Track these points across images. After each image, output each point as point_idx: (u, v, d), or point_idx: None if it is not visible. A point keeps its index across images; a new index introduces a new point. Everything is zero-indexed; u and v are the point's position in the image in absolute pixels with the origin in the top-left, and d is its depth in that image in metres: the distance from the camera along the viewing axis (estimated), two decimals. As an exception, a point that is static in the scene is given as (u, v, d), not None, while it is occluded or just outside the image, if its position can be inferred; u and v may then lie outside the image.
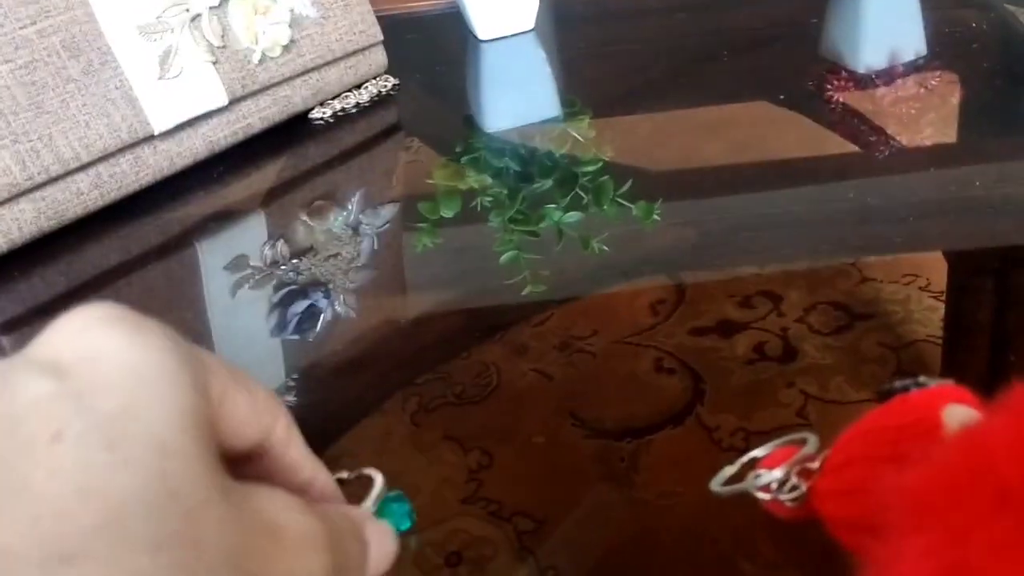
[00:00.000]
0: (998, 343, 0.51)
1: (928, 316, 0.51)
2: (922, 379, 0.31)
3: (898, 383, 0.32)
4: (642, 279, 0.57)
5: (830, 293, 0.53)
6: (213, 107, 0.71)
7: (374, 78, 0.84)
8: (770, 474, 0.34)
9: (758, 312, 0.52)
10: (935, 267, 0.55)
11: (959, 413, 0.29)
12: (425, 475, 0.44)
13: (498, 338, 0.52)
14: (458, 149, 0.74)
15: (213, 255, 0.63)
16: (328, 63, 0.79)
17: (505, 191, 0.67)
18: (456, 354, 0.51)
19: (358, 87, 0.82)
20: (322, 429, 0.47)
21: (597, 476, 0.43)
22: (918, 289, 0.53)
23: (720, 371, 0.48)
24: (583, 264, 0.59)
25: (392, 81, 0.83)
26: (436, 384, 0.48)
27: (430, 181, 0.70)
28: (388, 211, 0.66)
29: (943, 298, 0.52)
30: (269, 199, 0.68)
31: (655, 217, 0.61)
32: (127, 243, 0.67)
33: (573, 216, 0.62)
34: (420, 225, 0.63)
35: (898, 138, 0.68)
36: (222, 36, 0.71)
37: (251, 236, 0.65)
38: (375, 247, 0.63)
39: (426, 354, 0.52)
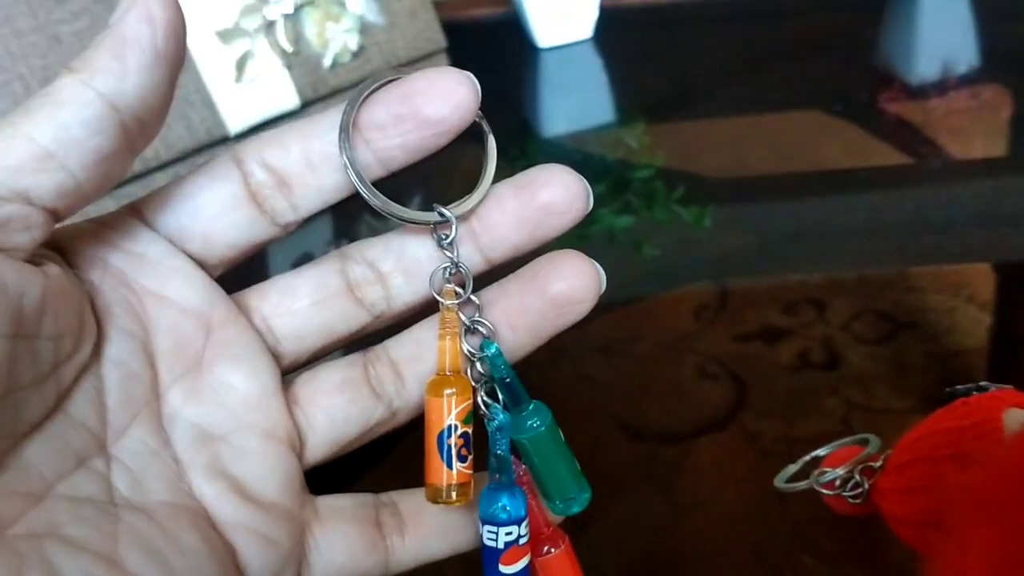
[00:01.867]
0: (1045, 355, 0.50)
1: (973, 327, 0.50)
2: (983, 383, 0.32)
3: (960, 387, 0.32)
4: (691, 284, 0.56)
5: (875, 302, 0.52)
6: (286, 110, 0.72)
7: (429, 57, 0.84)
8: (834, 472, 0.35)
9: (802, 319, 0.51)
10: (981, 278, 0.54)
11: (1018, 416, 0.29)
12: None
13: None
14: (513, 153, 0.74)
15: (282, 252, 0.65)
16: (394, 67, 0.79)
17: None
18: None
19: (412, 63, 0.82)
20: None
21: (638, 480, 0.43)
22: (964, 300, 0.52)
23: (764, 378, 0.48)
24: (633, 269, 0.59)
25: (446, 60, 0.84)
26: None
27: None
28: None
29: (989, 309, 0.51)
30: (335, 199, 0.68)
31: (706, 223, 0.61)
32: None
33: (625, 220, 0.62)
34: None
35: (949, 149, 0.67)
36: (295, 42, 0.73)
37: (317, 236, 0.66)
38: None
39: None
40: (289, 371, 0.28)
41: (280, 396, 0.27)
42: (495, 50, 0.93)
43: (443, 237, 0.27)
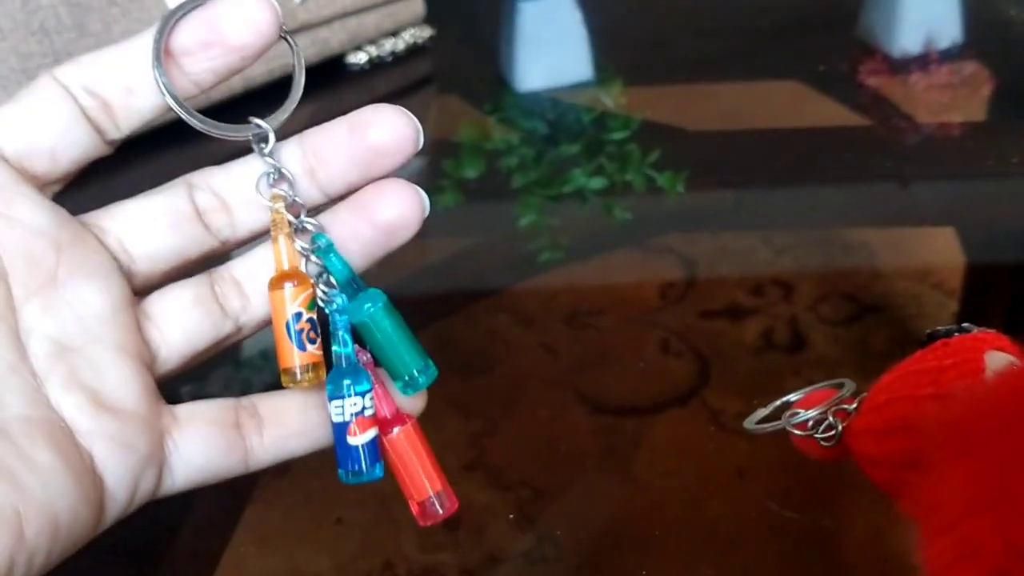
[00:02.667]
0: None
1: (938, 313, 0.50)
2: (965, 325, 0.31)
3: (941, 328, 0.32)
4: (660, 253, 0.55)
5: (841, 285, 0.52)
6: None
7: (411, 27, 0.82)
8: (807, 413, 0.34)
9: (768, 299, 0.51)
10: (948, 265, 0.54)
11: (1000, 359, 0.29)
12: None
13: (506, 307, 0.51)
14: (487, 107, 0.72)
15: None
16: (367, 8, 0.77)
17: (531, 153, 0.66)
18: (460, 316, 0.50)
19: (394, 34, 0.80)
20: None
21: (599, 452, 0.43)
22: (930, 287, 0.51)
23: (727, 356, 0.47)
24: (604, 232, 0.58)
25: (428, 32, 0.81)
26: (441, 351, 0.47)
27: (456, 139, 0.68)
28: (413, 166, 0.65)
29: (955, 296, 0.51)
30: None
31: (679, 189, 0.60)
32: (156, 175, 0.66)
33: (598, 182, 0.61)
34: (443, 183, 0.62)
35: (925, 124, 0.66)
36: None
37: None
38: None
39: (433, 313, 0.51)
40: (141, 292, 0.29)
41: (131, 312, 0.28)
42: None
43: (262, 148, 0.28)
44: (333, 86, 0.75)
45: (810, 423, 0.34)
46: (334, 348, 0.29)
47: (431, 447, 0.30)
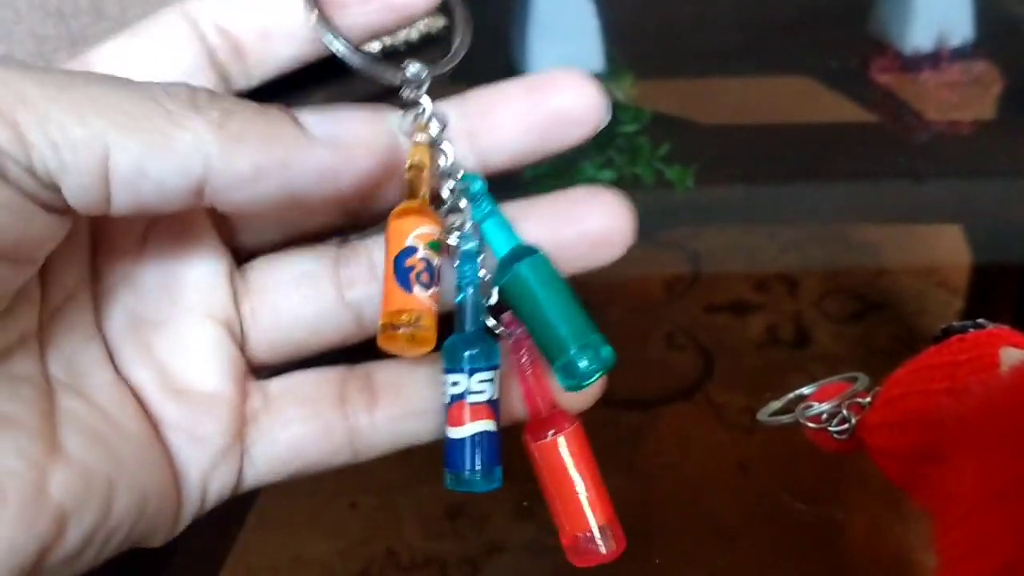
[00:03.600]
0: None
1: (943, 311, 0.50)
2: (980, 320, 0.31)
3: (956, 324, 0.32)
4: (666, 247, 0.55)
5: (846, 281, 0.52)
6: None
7: (425, 17, 0.81)
8: (820, 406, 0.34)
9: (773, 295, 0.51)
10: (954, 263, 0.53)
11: (1015, 354, 0.29)
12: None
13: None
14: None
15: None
16: (381, -3, 0.77)
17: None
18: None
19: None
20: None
21: (602, 444, 0.43)
22: (934, 284, 0.51)
23: (731, 351, 0.47)
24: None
25: (442, 22, 0.81)
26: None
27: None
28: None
29: (960, 294, 0.51)
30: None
31: (689, 184, 0.59)
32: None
33: (606, 174, 0.61)
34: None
35: (936, 122, 0.66)
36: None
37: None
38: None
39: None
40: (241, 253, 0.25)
41: (225, 277, 0.24)
42: (486, -14, 0.90)
43: (415, 93, 0.24)
44: (346, 76, 0.75)
45: (823, 416, 0.34)
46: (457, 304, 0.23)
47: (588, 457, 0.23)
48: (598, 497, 0.22)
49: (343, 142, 0.21)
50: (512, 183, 0.62)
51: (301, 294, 0.24)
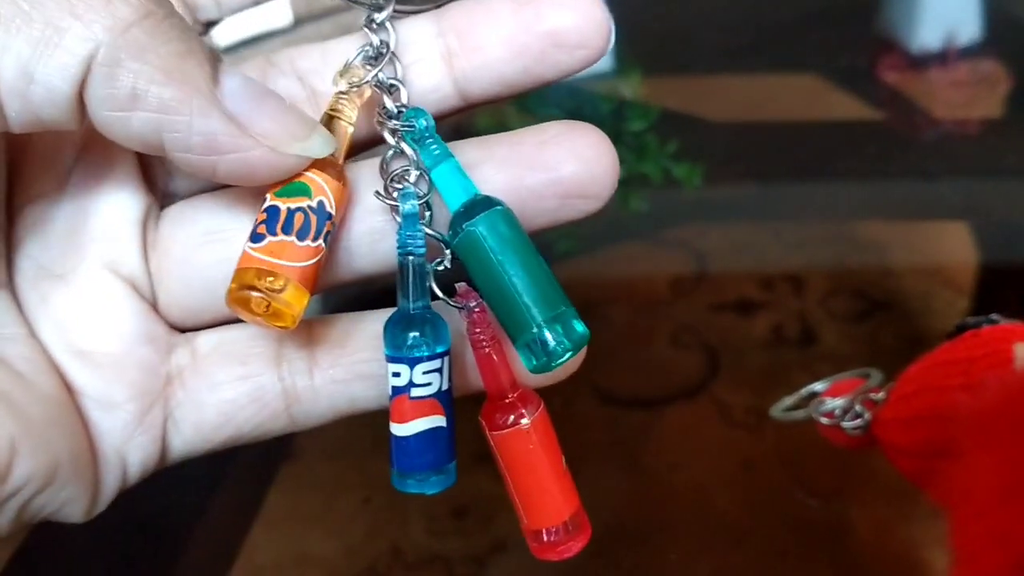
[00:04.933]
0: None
1: (948, 310, 0.49)
2: (994, 316, 0.31)
3: (971, 319, 0.31)
4: (671, 246, 0.55)
5: (852, 281, 0.51)
6: (277, 27, 0.70)
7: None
8: (834, 401, 0.33)
9: (778, 294, 0.50)
10: (959, 262, 0.53)
11: None
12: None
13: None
14: (506, 95, 0.72)
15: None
16: (391, -7, 0.76)
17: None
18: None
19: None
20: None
21: (607, 442, 0.42)
22: (940, 285, 0.51)
23: (736, 350, 0.47)
24: (620, 222, 0.57)
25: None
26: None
27: (474, 127, 0.68)
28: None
29: (966, 293, 0.51)
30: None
31: (696, 182, 0.59)
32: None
33: (613, 172, 0.60)
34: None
35: (943, 120, 0.65)
36: (290, -40, 0.69)
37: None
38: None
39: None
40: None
41: (136, 227, 0.21)
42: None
43: (372, 20, 0.20)
44: (355, 71, 0.75)
45: (837, 412, 0.33)
46: (400, 277, 0.19)
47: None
48: (563, 487, 0.19)
49: (247, 129, 0.18)
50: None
51: (211, 254, 0.21)
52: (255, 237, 0.18)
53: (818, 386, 0.36)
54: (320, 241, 0.19)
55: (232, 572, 0.38)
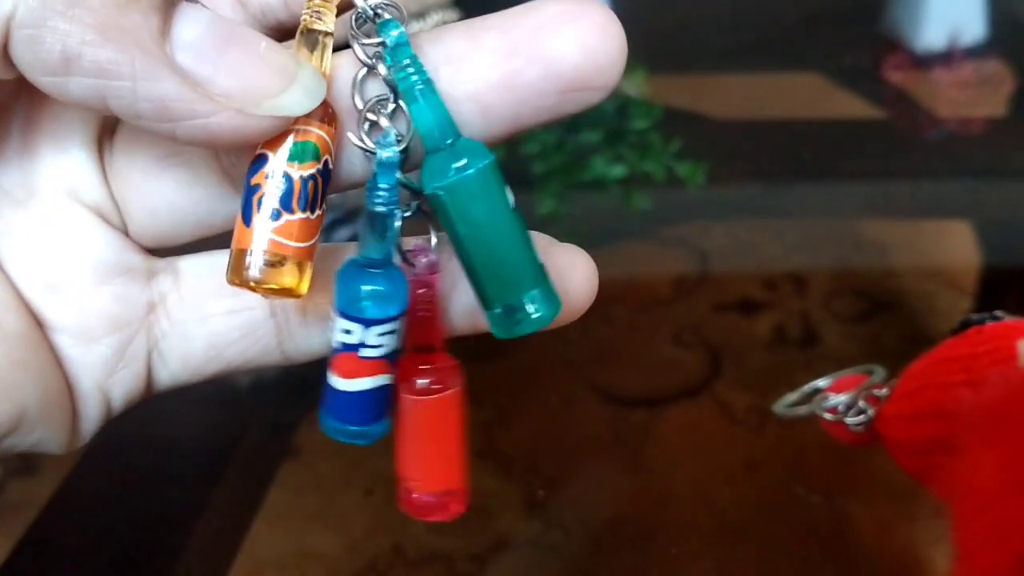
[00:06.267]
0: None
1: (951, 310, 0.49)
2: (997, 313, 0.31)
3: (974, 316, 0.31)
4: (674, 245, 0.55)
5: (854, 281, 0.51)
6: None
7: (438, 10, 0.81)
8: (838, 397, 0.34)
9: (781, 294, 0.50)
10: (962, 263, 0.53)
11: None
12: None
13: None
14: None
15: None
16: (395, -9, 0.76)
17: (552, 140, 0.65)
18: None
19: (421, 17, 0.80)
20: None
21: (609, 441, 0.42)
22: (943, 284, 0.50)
23: (738, 350, 0.47)
24: (622, 220, 0.57)
25: (455, 15, 0.81)
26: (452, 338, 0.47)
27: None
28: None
29: (968, 293, 0.50)
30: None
31: (700, 181, 0.59)
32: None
33: (618, 171, 0.60)
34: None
35: (946, 120, 0.65)
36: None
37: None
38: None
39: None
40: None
41: (94, 149, 0.19)
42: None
43: None
44: (359, 68, 0.75)
45: (840, 408, 0.34)
46: (361, 227, 0.17)
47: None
48: (459, 463, 0.19)
49: (206, 90, 0.16)
50: (517, 176, 0.62)
51: (173, 178, 0.19)
52: (273, 214, 0.16)
53: (821, 382, 0.36)
54: (324, 205, 0.17)
55: (233, 568, 0.38)
